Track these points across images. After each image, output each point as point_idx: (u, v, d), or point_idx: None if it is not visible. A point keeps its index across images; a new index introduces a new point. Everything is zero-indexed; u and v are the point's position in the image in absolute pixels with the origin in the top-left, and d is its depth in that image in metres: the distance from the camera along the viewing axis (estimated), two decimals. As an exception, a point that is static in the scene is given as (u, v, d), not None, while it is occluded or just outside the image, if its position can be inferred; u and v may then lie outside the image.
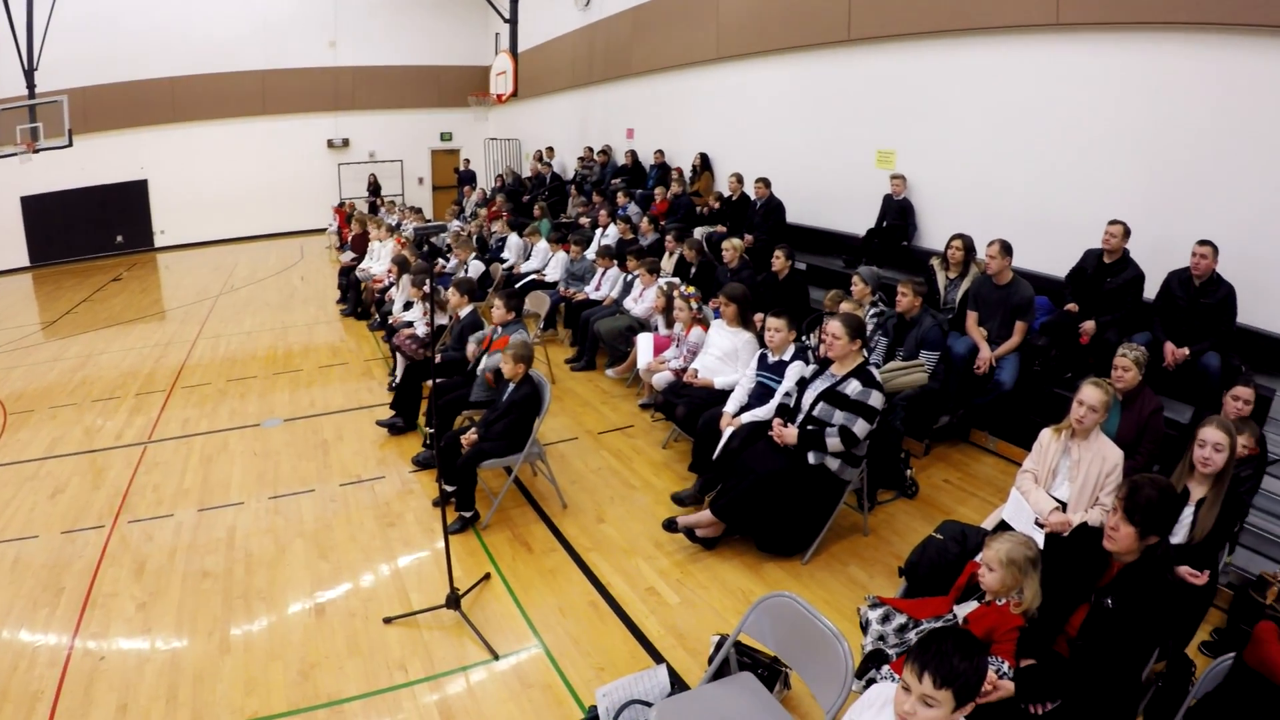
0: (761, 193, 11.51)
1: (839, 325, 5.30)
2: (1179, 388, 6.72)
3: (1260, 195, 7.27)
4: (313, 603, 4.99)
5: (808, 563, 5.47)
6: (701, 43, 14.20)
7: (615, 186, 14.99)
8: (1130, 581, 3.26)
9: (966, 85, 9.81)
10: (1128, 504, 3.22)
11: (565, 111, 20.14)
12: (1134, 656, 3.25)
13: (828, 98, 11.85)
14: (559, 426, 7.67)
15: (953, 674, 2.40)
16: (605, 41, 17.46)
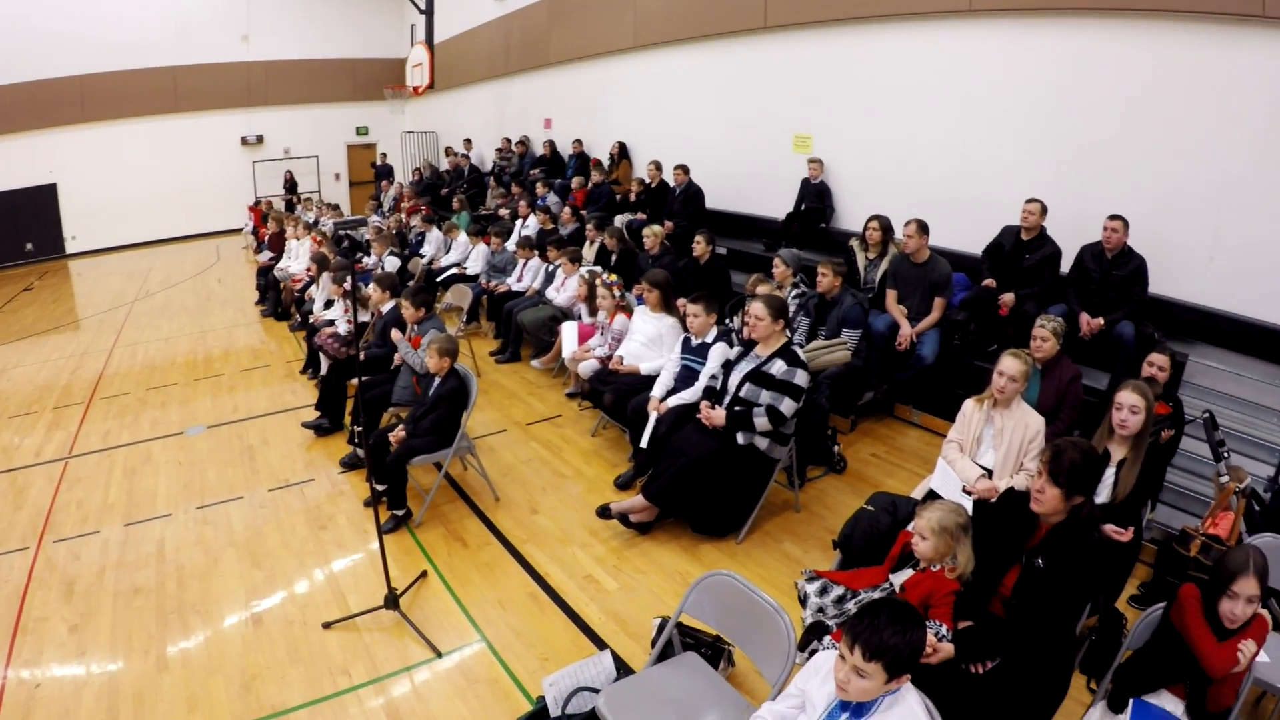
0: (680, 179, 11.55)
1: (761, 307, 5.35)
2: (1095, 356, 6.99)
3: (1168, 171, 7.60)
4: (249, 613, 4.88)
5: (742, 542, 5.54)
6: (619, 31, 14.18)
7: (534, 177, 14.90)
8: (1059, 541, 3.35)
9: (882, 70, 9.98)
10: (1052, 467, 3.30)
11: (482, 103, 19.95)
12: (1067, 612, 3.35)
13: (745, 84, 11.94)
14: (487, 420, 7.62)
15: (882, 648, 2.47)
16: (522, 31, 17.31)
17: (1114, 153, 7.95)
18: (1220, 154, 7.34)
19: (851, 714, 2.64)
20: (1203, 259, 7.54)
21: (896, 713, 2.59)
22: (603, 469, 6.61)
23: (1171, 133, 7.58)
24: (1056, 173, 8.29)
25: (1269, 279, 7.23)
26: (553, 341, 8.69)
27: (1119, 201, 7.31)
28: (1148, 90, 7.68)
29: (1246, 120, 7.17)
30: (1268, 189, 7.15)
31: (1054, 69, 8.33)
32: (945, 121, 9.36)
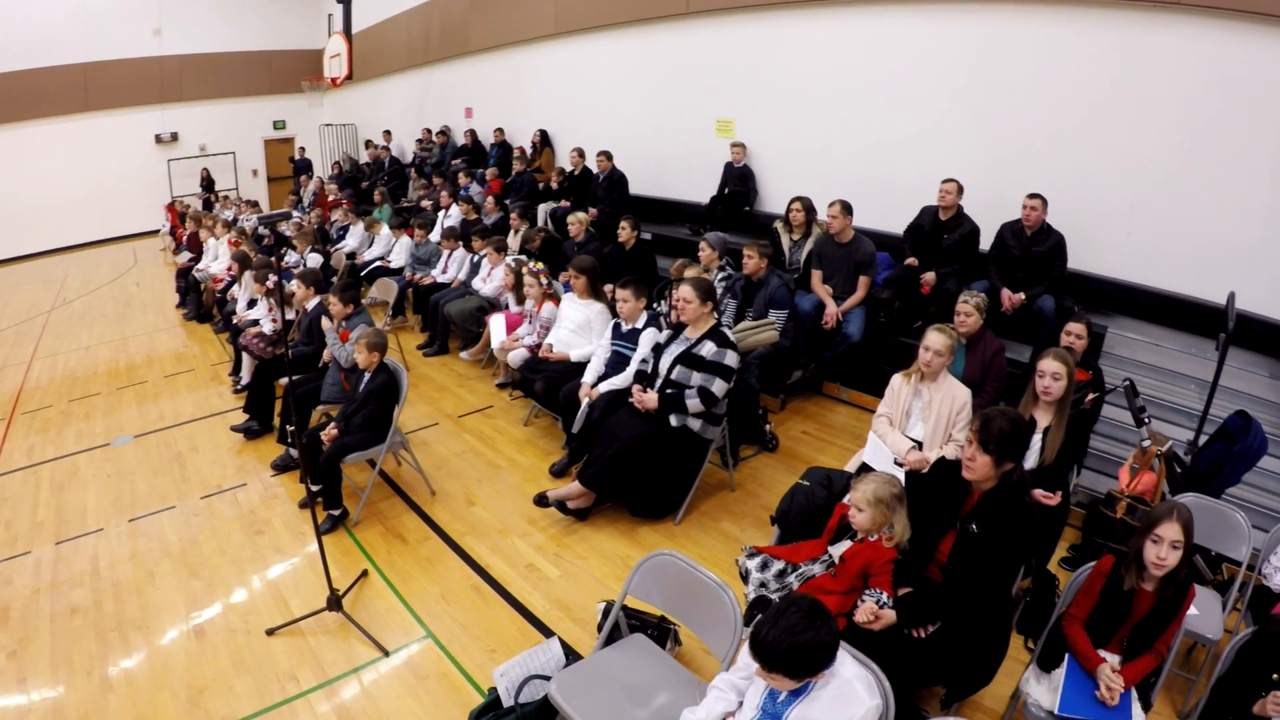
0: (604, 166, 11.56)
1: (689, 289, 5.40)
2: (1018, 330, 7.21)
3: (1086, 151, 7.90)
4: (190, 625, 4.77)
5: (680, 523, 5.62)
6: (540, 18, 14.11)
7: (456, 167, 14.74)
8: (991, 506, 3.44)
9: (804, 54, 10.13)
10: (982, 435, 3.38)
11: (402, 93, 19.64)
12: (1002, 575, 3.45)
13: (667, 70, 11.99)
14: (418, 414, 7.58)
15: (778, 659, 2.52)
16: (442, 20, 17.08)
17: (1033, 134, 8.24)
18: (1136, 135, 7.65)
19: (789, 694, 2.68)
20: (1120, 235, 7.83)
21: (833, 686, 2.63)
22: (537, 458, 6.62)
23: (1089, 114, 7.88)
24: (976, 153, 8.54)
25: (1183, 254, 7.55)
26: (480, 332, 8.64)
27: (1038, 181, 7.53)
28: (1065, 73, 7.97)
29: (1161, 102, 7.47)
30: (1181, 168, 7.47)
31: (973, 53, 8.57)
32: (867, 104, 9.56)
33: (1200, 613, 4.19)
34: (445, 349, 9.37)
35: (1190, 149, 7.42)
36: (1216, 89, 7.23)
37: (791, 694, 2.67)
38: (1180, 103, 7.40)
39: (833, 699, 2.61)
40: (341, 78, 18.19)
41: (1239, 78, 7.11)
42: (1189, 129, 7.40)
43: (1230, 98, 7.18)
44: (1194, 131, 7.39)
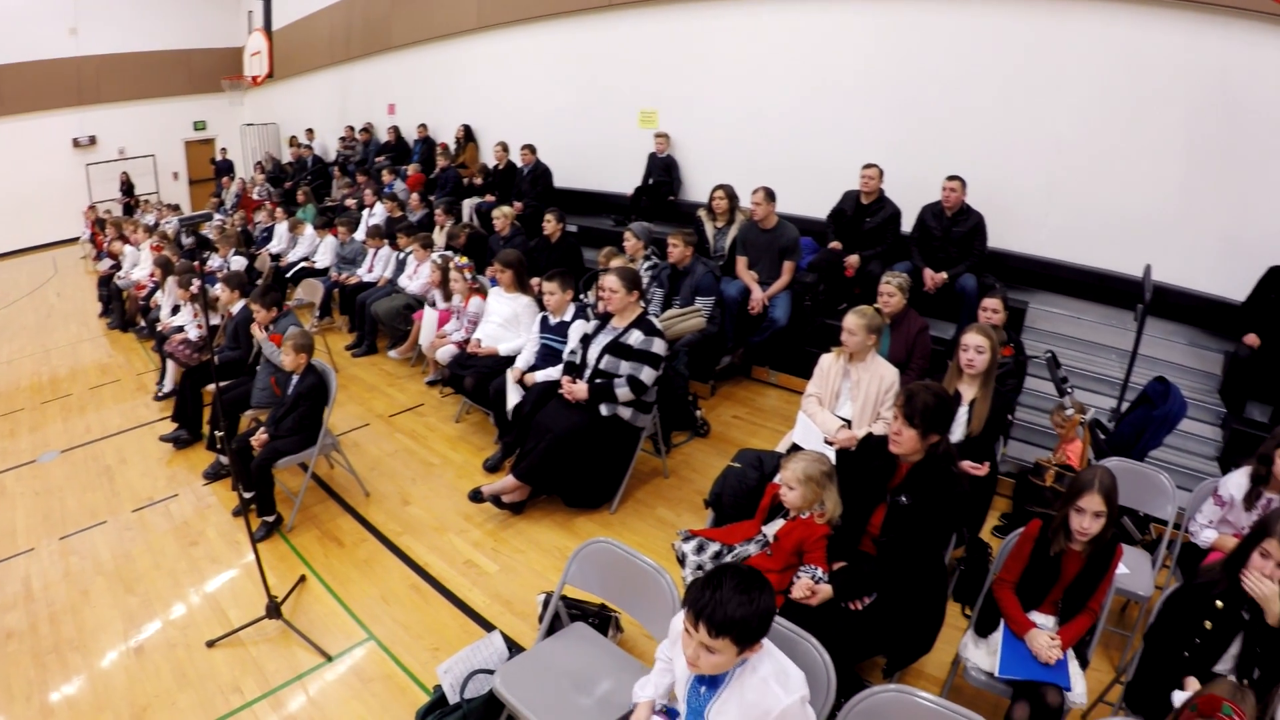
0: (528, 159, 11.57)
1: (615, 279, 5.44)
2: (941, 309, 7.39)
3: (1004, 134, 8.15)
4: (129, 642, 4.64)
5: (616, 511, 5.66)
6: (462, 12, 14.01)
7: (380, 165, 14.61)
8: (919, 478, 3.52)
9: (724, 45, 10.25)
10: (907, 409, 3.43)
11: (324, 90, 19.31)
12: (933, 543, 3.54)
13: (590, 62, 12.01)
14: (349, 415, 7.48)
15: (728, 620, 2.39)
16: (364, 15, 16.86)
17: (952, 117, 8.47)
18: (1052, 116, 7.91)
19: (708, 686, 2.63)
20: (1038, 214, 8.08)
21: (751, 683, 2.57)
22: (470, 454, 6.60)
23: (1006, 98, 8.13)
24: (897, 137, 8.73)
25: (1099, 230, 7.83)
26: (408, 331, 8.60)
27: (958, 163, 7.74)
28: (983, 58, 8.20)
29: (1075, 85, 7.72)
30: (1095, 148, 7.74)
31: (892, 39, 8.77)
32: (788, 92, 9.72)
33: (1131, 572, 4.33)
34: (373, 349, 9.27)
35: (1105, 129, 7.67)
36: (1129, 71, 7.48)
37: (710, 687, 2.63)
38: (1094, 85, 7.65)
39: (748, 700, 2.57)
40: (262, 76, 17.92)
41: (1150, 60, 7.36)
42: (1103, 110, 7.65)
43: (1142, 79, 7.43)
44: (1109, 112, 7.63)
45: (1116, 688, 3.86)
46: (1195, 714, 2.39)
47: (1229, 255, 7.28)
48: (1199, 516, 4.48)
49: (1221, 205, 7.37)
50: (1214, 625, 3.21)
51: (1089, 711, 3.81)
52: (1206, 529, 4.44)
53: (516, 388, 5.99)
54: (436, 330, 7.63)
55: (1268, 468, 4.22)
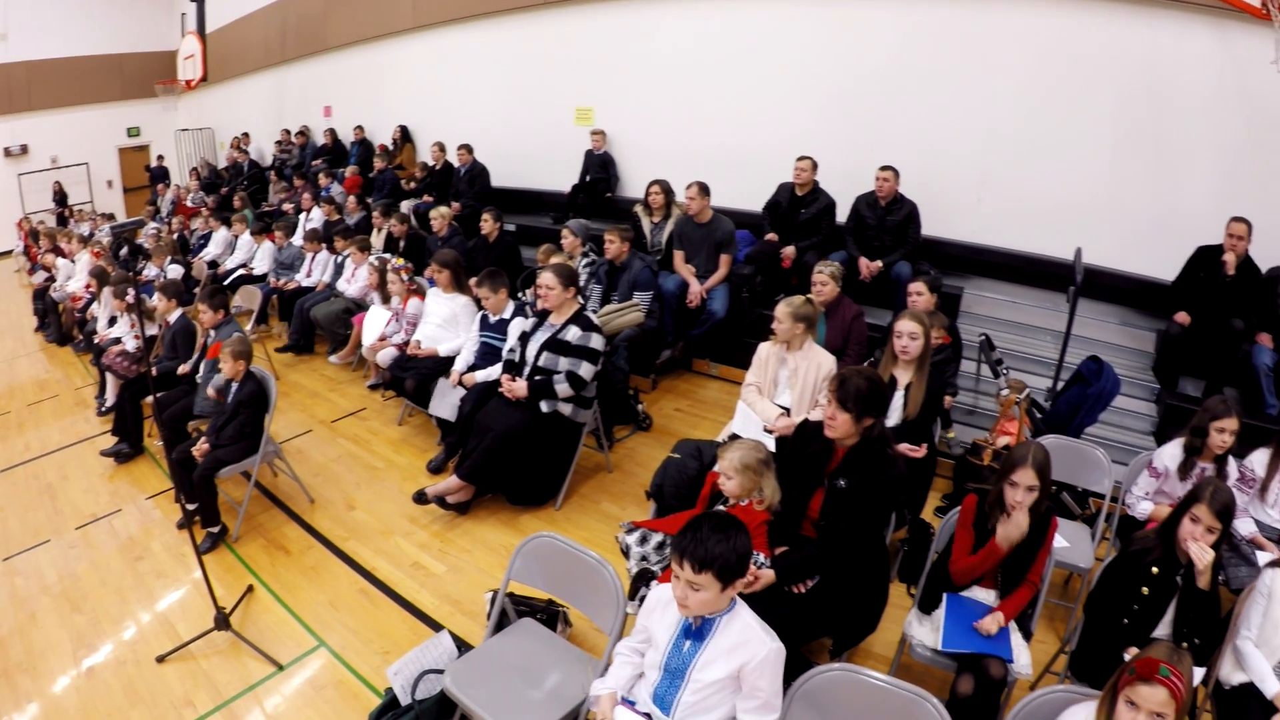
0: (465, 159, 11.53)
1: (551, 276, 5.45)
2: (878, 296, 7.52)
3: (936, 123, 8.31)
4: (79, 661, 4.54)
5: (561, 507, 5.68)
6: (398, 12, 13.88)
7: (317, 168, 14.47)
8: (855, 461, 3.56)
9: (659, 41, 10.33)
10: (840, 394, 3.47)
11: (259, 94, 18.93)
12: (872, 524, 3.59)
13: (526, 60, 11.98)
14: (291, 422, 7.38)
15: (709, 557, 2.54)
16: (298, 16, 16.58)
17: (884, 108, 8.62)
18: (984, 106, 8.10)
19: (694, 639, 2.74)
20: (971, 201, 8.25)
21: (735, 628, 2.71)
22: (414, 456, 6.57)
23: (938, 88, 8.31)
24: (830, 129, 8.86)
25: (1031, 215, 8.04)
26: (348, 335, 8.52)
27: (891, 153, 7.87)
28: (915, 50, 8.37)
29: (1006, 75, 7.93)
30: (1026, 135, 7.96)
31: (825, 32, 8.91)
32: (722, 87, 9.81)
33: (1071, 545, 4.47)
34: (309, 348, 9.19)
35: (1036, 117, 7.88)
36: (1058, 61, 7.70)
37: (695, 640, 2.73)
38: (1024, 75, 7.86)
39: (735, 643, 2.69)
40: (196, 80, 17.58)
41: (1079, 50, 7.59)
42: (1033, 99, 7.86)
43: (1071, 69, 7.66)
44: (1038, 101, 7.84)
45: (1062, 658, 3.96)
46: (1134, 677, 2.44)
47: (1158, 237, 7.49)
48: (1135, 488, 4.64)
49: (1150, 189, 7.59)
50: (1151, 591, 3.32)
51: (1037, 682, 3.88)
52: (1143, 500, 4.59)
53: (449, 391, 6.00)
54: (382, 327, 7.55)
55: (1201, 439, 4.39)
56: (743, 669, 2.68)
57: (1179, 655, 2.47)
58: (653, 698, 2.82)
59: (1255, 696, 3.36)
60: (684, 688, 2.75)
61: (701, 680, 2.72)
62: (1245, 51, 6.94)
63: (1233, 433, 4.35)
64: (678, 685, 2.76)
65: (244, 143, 18.38)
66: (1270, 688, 3.32)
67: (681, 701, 2.75)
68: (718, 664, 2.70)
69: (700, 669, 2.72)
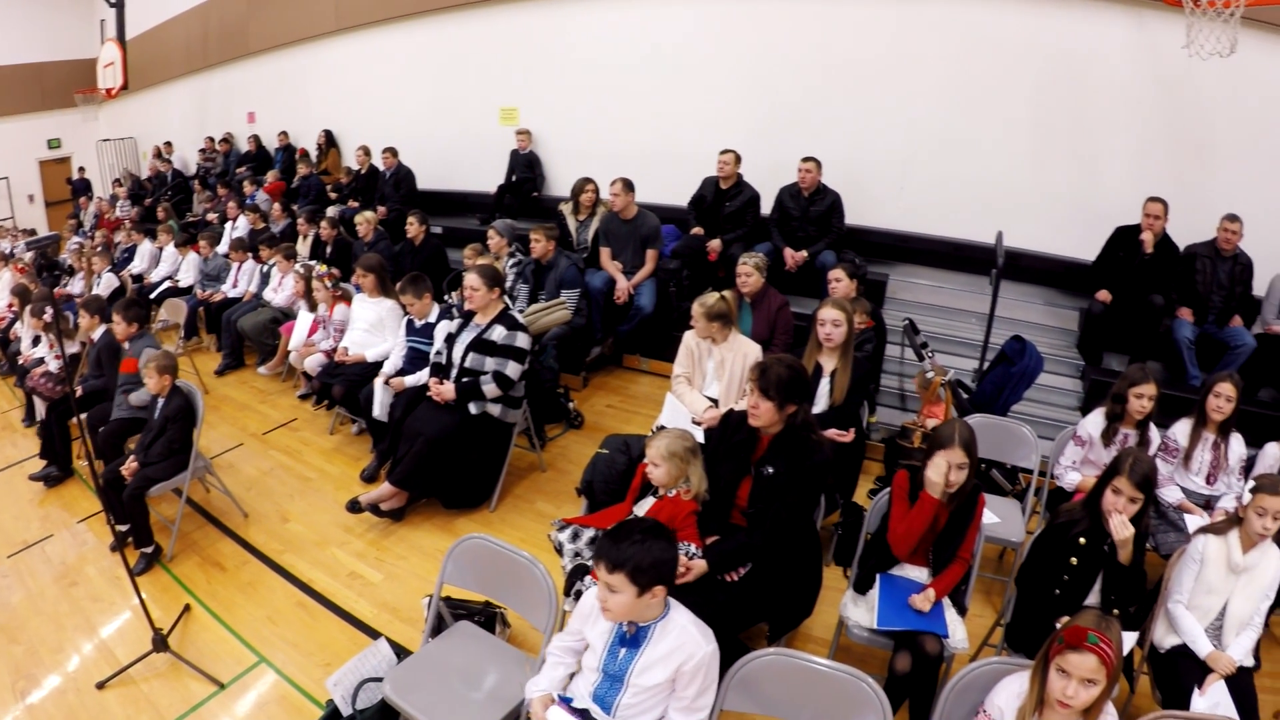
0: (390, 163, 11.39)
1: (475, 277, 5.44)
2: (804, 286, 7.57)
3: (858, 114, 8.45)
4: (18, 693, 4.39)
5: (495, 509, 5.68)
6: (320, 14, 13.65)
7: (241, 176, 14.19)
8: (781, 448, 3.60)
9: (581, 39, 10.35)
10: (762, 383, 3.52)
11: (182, 101, 18.38)
12: (800, 509, 3.63)
13: (448, 61, 11.89)
14: (221, 436, 7.21)
15: (622, 559, 2.56)
16: (220, 20, 16.13)
17: (807, 100, 8.75)
18: (905, 96, 8.26)
19: (629, 646, 2.76)
20: (895, 189, 8.40)
21: (671, 632, 2.72)
22: (347, 465, 6.51)
23: (858, 79, 8.45)
24: (754, 122, 8.96)
25: (954, 201, 8.23)
26: (276, 345, 8.38)
27: (814, 144, 7.98)
28: (836, 41, 8.50)
29: (925, 64, 8.11)
30: (947, 123, 8.14)
31: (747, 26, 9.00)
32: (644, 83, 9.87)
33: (1003, 520, 4.58)
34: (240, 362, 8.98)
35: (956, 106, 8.06)
36: (977, 50, 7.88)
37: (631, 647, 2.74)
38: (944, 64, 8.04)
39: (673, 647, 2.70)
40: (117, 88, 16.93)
41: (998, 40, 7.78)
42: (954, 88, 8.05)
43: (990, 58, 7.85)
44: (959, 90, 8.03)
45: (998, 630, 4.04)
46: (1064, 646, 2.50)
47: (1078, 219, 7.73)
48: (1062, 459, 4.79)
49: (1069, 173, 7.82)
50: (1079, 562, 3.41)
51: (976, 655, 3.98)
52: (1071, 471, 4.72)
53: (385, 391, 5.95)
54: (307, 336, 7.44)
55: (1121, 405, 4.55)
56: (679, 670, 2.70)
57: (1107, 622, 2.54)
58: (592, 697, 2.84)
59: (1189, 657, 3.49)
60: (623, 691, 2.77)
61: (641, 685, 2.74)
62: (1160, 38, 7.15)
63: (1151, 398, 4.51)
64: (617, 689, 2.79)
65: (167, 152, 17.88)
66: (1203, 648, 3.46)
67: (621, 704, 2.78)
68: (656, 669, 2.72)
69: (638, 675, 2.74)
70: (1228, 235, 6.79)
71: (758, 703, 2.95)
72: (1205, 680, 3.39)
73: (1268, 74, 7.08)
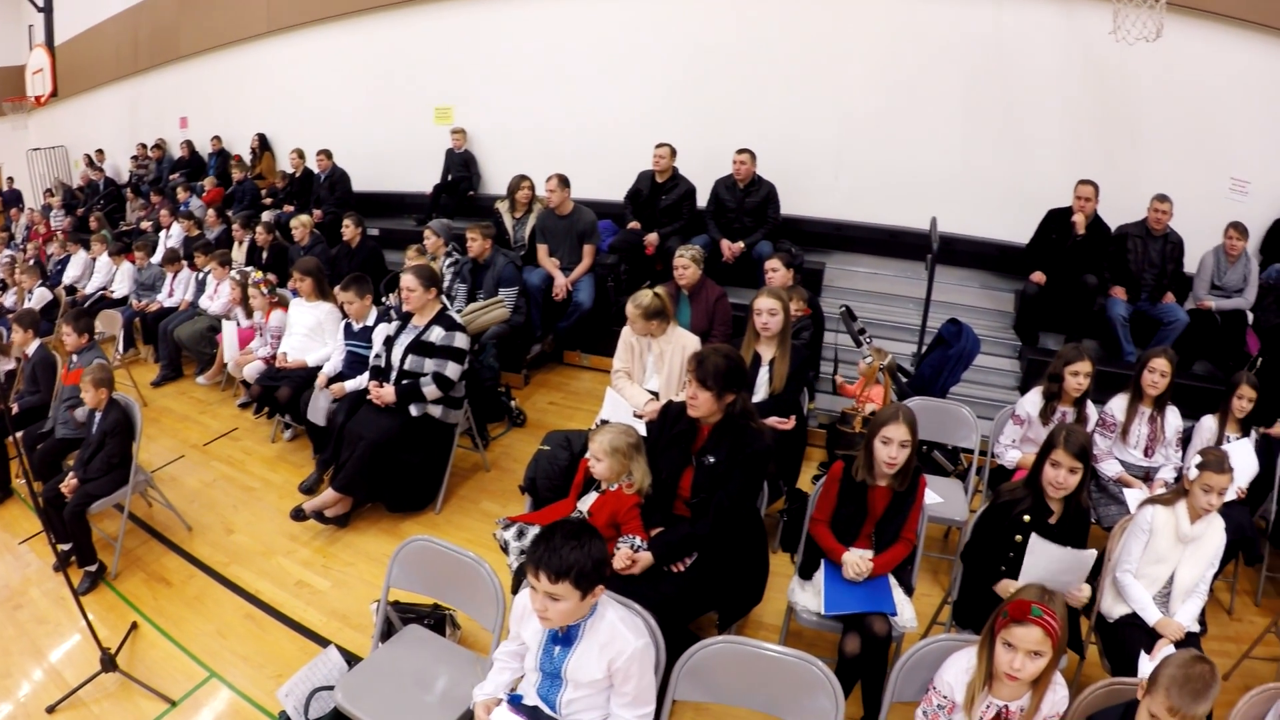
0: (325, 165, 11.23)
1: (411, 278, 5.41)
2: (742, 277, 7.65)
3: (792, 106, 8.56)
4: None
5: (441, 510, 5.66)
6: (252, 16, 13.36)
7: (174, 182, 13.88)
8: (721, 437, 3.63)
9: (515, 36, 10.33)
10: (699, 373, 3.54)
11: (113, 107, 17.77)
12: (743, 496, 3.65)
13: (381, 61, 11.76)
14: (162, 449, 7.01)
15: (565, 565, 2.52)
16: (151, 24, 15.67)
17: (741, 93, 8.83)
18: (836, 86, 8.39)
19: (562, 644, 2.76)
20: (830, 179, 8.50)
21: (602, 629, 2.73)
22: (290, 473, 6.41)
23: (790, 70, 8.54)
24: (689, 116, 9.01)
25: (888, 188, 8.39)
26: (214, 354, 8.22)
27: (749, 136, 8.04)
28: (769, 34, 8.59)
29: (857, 55, 8.24)
30: (879, 113, 8.29)
31: (680, 20, 9.06)
32: (578, 79, 9.92)
33: (946, 500, 4.66)
34: (179, 373, 8.77)
35: (888, 95, 8.20)
36: (909, 40, 8.03)
37: (564, 645, 2.75)
38: (877, 55, 8.18)
39: (603, 643, 2.71)
40: (46, 95, 16.59)
41: (929, 29, 7.90)
42: (886, 77, 8.18)
43: (921, 47, 8.00)
44: (891, 80, 8.17)
45: (947, 608, 4.11)
46: (1008, 620, 2.55)
47: (1011, 203, 7.91)
48: (1002, 438, 4.89)
49: (1001, 158, 7.99)
50: (1025, 539, 3.45)
51: (926, 633, 4.05)
52: (1010, 449, 4.83)
53: (324, 395, 5.90)
54: (241, 348, 7.33)
55: (1058, 384, 4.65)
56: (611, 666, 2.71)
57: (1050, 595, 2.60)
58: (538, 694, 2.85)
59: (1137, 626, 3.59)
60: (564, 688, 2.79)
61: (578, 680, 2.75)
62: (1088, 24, 7.33)
63: (1086, 375, 4.63)
64: (558, 685, 2.80)
65: (99, 160, 17.39)
66: (1152, 616, 3.56)
67: (564, 700, 2.79)
68: (590, 665, 2.72)
69: (573, 672, 2.75)
70: (1158, 215, 6.98)
71: (709, 691, 2.98)
72: (1155, 646, 3.47)
73: (1194, 58, 7.31)
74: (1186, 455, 4.99)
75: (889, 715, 3.08)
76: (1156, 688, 2.43)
